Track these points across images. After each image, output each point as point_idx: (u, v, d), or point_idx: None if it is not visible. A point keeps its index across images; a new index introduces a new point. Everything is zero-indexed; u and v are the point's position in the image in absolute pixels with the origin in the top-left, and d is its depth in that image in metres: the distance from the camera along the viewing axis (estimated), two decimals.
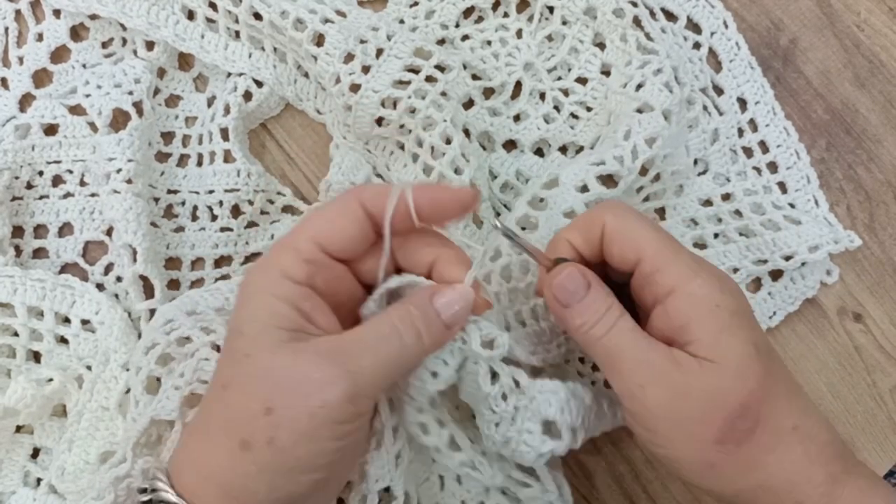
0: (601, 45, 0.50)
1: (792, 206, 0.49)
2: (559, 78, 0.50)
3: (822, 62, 0.51)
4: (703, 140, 0.49)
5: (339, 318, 0.34)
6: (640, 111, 0.45)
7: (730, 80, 0.51)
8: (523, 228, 0.44)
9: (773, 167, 0.50)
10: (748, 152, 0.51)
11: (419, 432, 0.37)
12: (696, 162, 0.49)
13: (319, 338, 0.32)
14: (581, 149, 0.49)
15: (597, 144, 0.48)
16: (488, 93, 0.50)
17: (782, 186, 0.50)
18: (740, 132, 0.51)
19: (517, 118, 0.49)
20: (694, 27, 0.51)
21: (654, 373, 0.34)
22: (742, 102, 0.51)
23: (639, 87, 0.46)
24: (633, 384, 0.34)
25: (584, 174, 0.43)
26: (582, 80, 0.50)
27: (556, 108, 0.50)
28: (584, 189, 0.44)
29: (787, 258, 0.47)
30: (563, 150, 0.49)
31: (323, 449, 0.31)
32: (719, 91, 0.51)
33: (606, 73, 0.49)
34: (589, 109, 0.49)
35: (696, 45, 0.51)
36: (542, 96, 0.50)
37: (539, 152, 0.50)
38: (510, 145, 0.50)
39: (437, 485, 0.42)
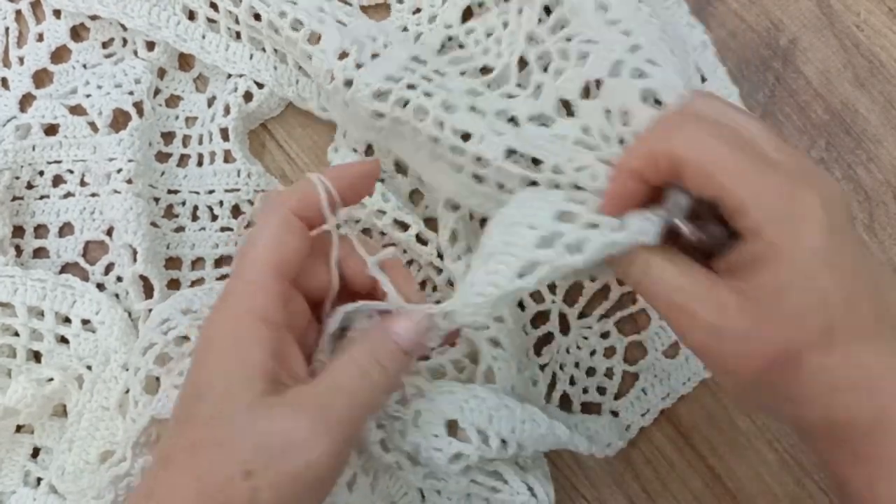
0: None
1: None
2: (562, 28, 0.46)
3: (822, 62, 0.51)
4: None
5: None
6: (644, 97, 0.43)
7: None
8: None
9: None
10: None
11: (380, 451, 0.37)
12: None
13: (293, 389, 0.31)
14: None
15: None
16: (496, 81, 0.47)
17: None
18: None
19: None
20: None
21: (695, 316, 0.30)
22: None
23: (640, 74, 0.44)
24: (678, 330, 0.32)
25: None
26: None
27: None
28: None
29: None
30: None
31: None
32: None
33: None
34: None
35: None
36: (545, 70, 0.46)
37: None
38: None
39: (418, 499, 0.42)
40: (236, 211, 0.48)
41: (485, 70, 0.48)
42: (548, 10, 0.47)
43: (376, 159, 0.37)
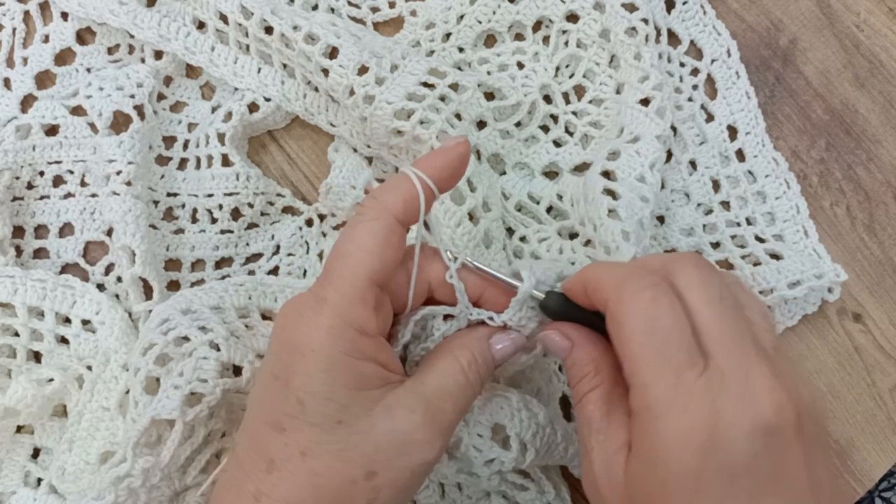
0: (617, 67, 0.49)
1: (779, 237, 0.49)
2: (573, 101, 0.50)
3: (822, 62, 0.51)
4: (679, 171, 0.49)
5: None
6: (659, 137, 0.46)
7: (723, 107, 0.50)
8: None
9: (761, 197, 0.50)
10: (734, 182, 0.50)
11: None
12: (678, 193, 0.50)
13: (404, 389, 0.32)
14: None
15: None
16: (502, 111, 0.49)
17: (770, 217, 0.49)
18: (726, 160, 0.50)
19: (527, 142, 0.49)
20: (696, 52, 0.51)
21: (591, 462, 0.32)
22: (732, 130, 0.50)
23: (660, 109, 0.46)
24: (583, 452, 0.33)
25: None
26: (596, 102, 0.49)
27: (568, 131, 0.50)
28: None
29: (766, 292, 0.46)
30: (579, 169, 0.49)
31: (413, 495, 0.33)
32: (710, 118, 0.50)
33: (620, 91, 0.49)
34: (601, 127, 0.49)
35: (695, 71, 0.51)
36: (555, 119, 0.50)
37: (550, 174, 0.50)
38: (520, 166, 0.50)
39: (438, 493, 0.42)
40: (236, 213, 0.48)
41: (489, 97, 0.49)
42: (567, 65, 0.50)
43: (465, 138, 0.35)
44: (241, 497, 0.32)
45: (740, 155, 0.50)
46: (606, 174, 0.45)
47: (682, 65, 0.51)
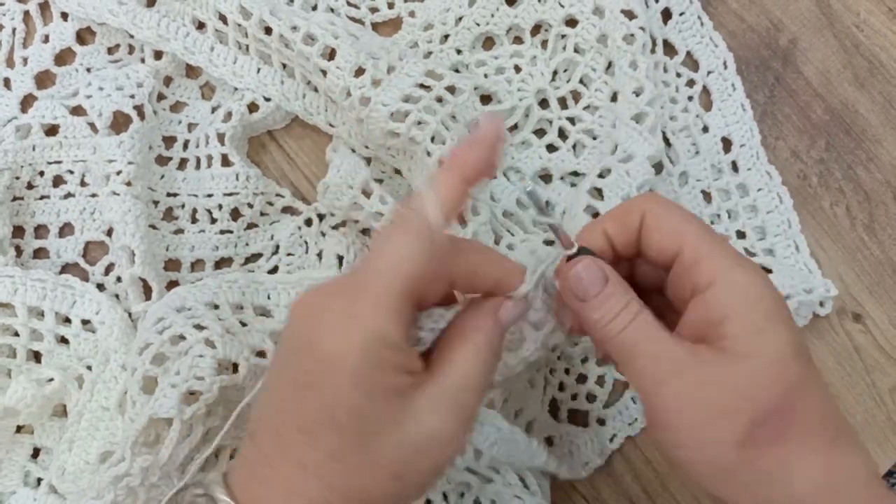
0: (613, 74, 0.49)
1: (770, 251, 0.49)
2: (568, 107, 0.50)
3: (822, 62, 0.51)
4: (671, 183, 0.49)
5: None
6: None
7: (718, 119, 0.50)
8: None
9: (753, 211, 0.49)
10: (725, 195, 0.50)
11: None
12: None
13: (429, 390, 0.31)
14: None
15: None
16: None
17: (761, 230, 0.49)
18: (719, 172, 0.50)
19: (522, 145, 0.49)
20: (693, 63, 0.51)
21: (676, 365, 0.32)
22: (727, 142, 0.50)
23: (653, 127, 0.46)
24: (652, 378, 0.32)
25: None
26: (591, 109, 0.49)
27: (563, 135, 0.50)
28: None
29: None
30: (570, 176, 0.49)
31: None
32: (704, 129, 0.50)
33: (615, 98, 0.49)
34: (594, 137, 0.49)
35: (691, 82, 0.50)
36: (549, 122, 0.50)
37: (543, 179, 0.50)
38: (513, 170, 0.50)
39: None
40: (235, 214, 0.49)
41: (485, 99, 0.49)
42: (565, 69, 0.50)
43: (497, 119, 0.33)
44: (271, 493, 0.32)
45: (734, 167, 0.50)
46: (594, 191, 0.45)
47: (678, 75, 0.50)
